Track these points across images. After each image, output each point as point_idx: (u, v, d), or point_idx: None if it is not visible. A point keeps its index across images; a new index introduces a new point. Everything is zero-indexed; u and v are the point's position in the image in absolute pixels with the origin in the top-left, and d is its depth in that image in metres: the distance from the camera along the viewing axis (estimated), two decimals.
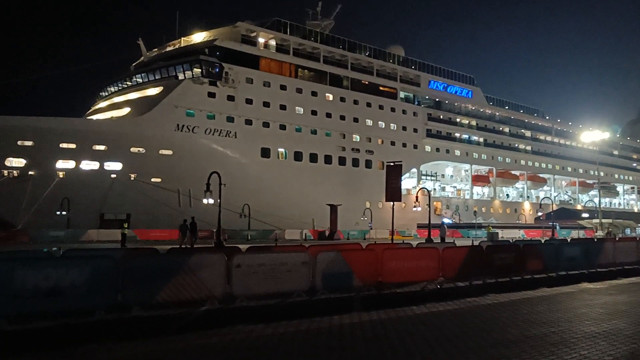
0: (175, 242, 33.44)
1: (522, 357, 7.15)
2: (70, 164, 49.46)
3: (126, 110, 54.67)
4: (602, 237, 48.96)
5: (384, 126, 72.72)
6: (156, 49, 63.93)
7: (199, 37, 62.19)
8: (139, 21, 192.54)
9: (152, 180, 50.89)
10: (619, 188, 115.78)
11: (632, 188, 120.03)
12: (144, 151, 51.27)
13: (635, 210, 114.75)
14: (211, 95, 56.23)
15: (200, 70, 55.34)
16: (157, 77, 56.88)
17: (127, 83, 59.86)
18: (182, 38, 62.49)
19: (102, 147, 50.09)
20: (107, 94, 62.03)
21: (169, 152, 52.16)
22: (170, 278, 9.98)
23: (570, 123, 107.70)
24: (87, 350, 7.81)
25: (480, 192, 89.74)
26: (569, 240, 34.00)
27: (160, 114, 52.36)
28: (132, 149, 51.07)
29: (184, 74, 55.40)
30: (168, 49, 62.58)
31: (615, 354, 7.34)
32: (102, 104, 60.35)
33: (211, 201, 33.46)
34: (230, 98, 57.50)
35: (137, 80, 58.80)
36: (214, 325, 9.26)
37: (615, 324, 9.52)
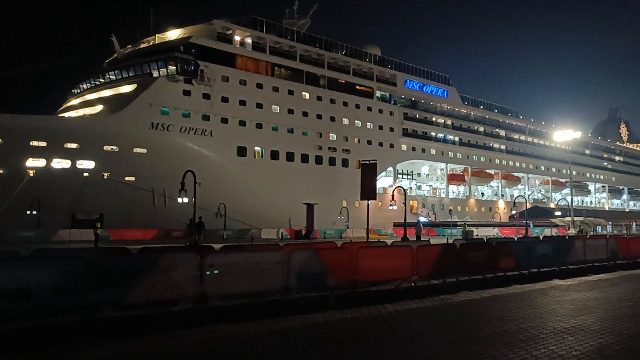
0: (149, 242, 33.18)
1: (492, 353, 7.23)
2: (40, 163, 48.54)
3: (99, 107, 53.87)
4: (574, 234, 49.81)
5: (360, 125, 72.94)
6: (130, 46, 63.10)
7: (173, 34, 61.56)
8: (112, 17, 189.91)
9: (126, 179, 50.26)
10: (591, 187, 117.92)
11: (603, 187, 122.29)
12: (118, 150, 50.57)
13: (606, 208, 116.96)
14: (186, 93, 55.71)
15: (175, 67, 54.79)
16: (130, 75, 56.17)
17: (100, 80, 58.98)
18: (157, 35, 61.76)
19: (74, 145, 49.26)
20: (79, 91, 61.05)
21: (143, 150, 51.55)
22: (142, 278, 9.84)
23: (543, 123, 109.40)
24: (57, 352, 7.68)
25: (456, 190, 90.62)
26: (541, 238, 34.48)
27: (134, 111, 51.69)
28: (106, 148, 50.34)
29: (159, 71, 54.79)
30: (142, 46, 61.79)
31: (582, 349, 7.47)
32: (75, 102, 59.36)
33: (186, 200, 33.19)
34: (206, 96, 57.07)
35: (111, 77, 58.00)
36: (187, 325, 9.19)
37: (584, 320, 9.69)
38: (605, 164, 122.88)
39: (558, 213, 74.99)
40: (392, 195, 56.05)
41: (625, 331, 8.69)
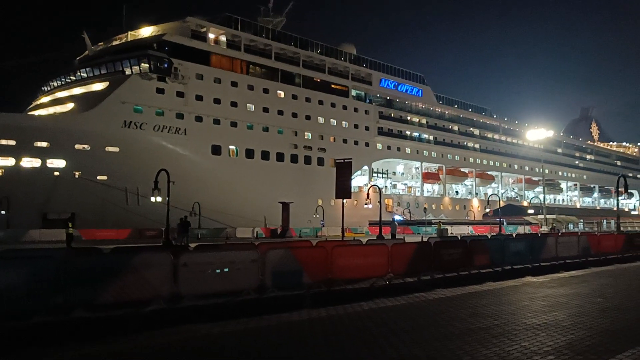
0: (122, 242, 32.79)
1: (465, 349, 7.27)
2: (9, 161, 47.60)
3: (70, 105, 52.99)
4: (546, 232, 50.55)
5: (336, 124, 73.06)
6: (102, 43, 62.21)
7: (146, 31, 60.86)
8: (83, 14, 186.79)
9: (98, 178, 49.55)
10: (563, 185, 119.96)
11: (575, 185, 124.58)
12: (89, 148, 49.82)
13: (578, 206, 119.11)
14: (160, 91, 55.12)
15: (148, 65, 54.17)
16: (102, 72, 55.38)
17: (71, 78, 58.04)
18: (129, 32, 60.98)
19: (44, 144, 48.41)
20: (49, 89, 60.02)
21: (116, 149, 50.87)
22: (115, 278, 9.71)
23: (517, 122, 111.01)
24: (25, 355, 7.51)
25: (431, 189, 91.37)
26: (514, 235, 34.92)
27: (107, 110, 50.98)
28: (77, 146, 49.54)
29: (131, 69, 54.14)
30: (114, 43, 60.98)
31: (554, 344, 7.55)
32: (45, 99, 58.32)
33: (159, 199, 32.90)
34: (180, 94, 56.55)
35: (82, 75, 57.11)
36: (161, 325, 9.07)
37: (555, 316, 9.82)
38: (577, 162, 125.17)
39: (531, 211, 76.21)
40: (368, 194, 56.24)
41: (595, 326, 8.82)
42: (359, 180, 75.30)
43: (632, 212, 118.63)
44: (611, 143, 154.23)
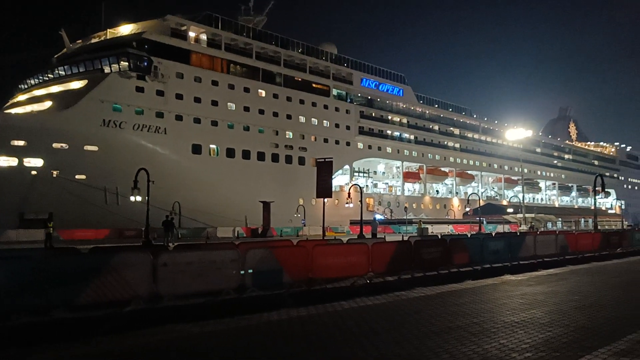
0: (101, 242, 32.47)
1: (445, 347, 7.32)
2: None
3: (48, 104, 52.17)
4: (525, 231, 51.10)
5: (317, 123, 73.07)
6: (80, 41, 61.42)
7: (126, 29, 60.21)
8: (61, 11, 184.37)
9: (77, 177, 48.92)
10: (541, 184, 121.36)
11: (554, 184, 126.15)
12: (68, 147, 49.13)
13: (556, 205, 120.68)
14: (139, 89, 54.59)
15: (127, 63, 53.65)
16: (81, 70, 54.69)
17: (49, 76, 57.20)
18: (108, 30, 60.30)
19: (21, 143, 47.62)
20: (26, 87, 59.05)
21: (95, 148, 50.26)
22: (94, 278, 9.61)
23: (496, 121, 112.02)
24: (5, 355, 7.40)
25: (411, 188, 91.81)
26: (493, 234, 35.23)
27: (85, 108, 50.33)
28: (55, 145, 48.82)
29: (110, 67, 53.54)
30: (93, 41, 60.22)
31: (532, 341, 7.65)
32: (22, 97, 57.29)
33: (139, 199, 32.67)
34: (160, 93, 56.07)
35: (60, 73, 56.33)
36: (141, 325, 8.99)
37: (533, 314, 9.94)
38: (555, 162, 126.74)
39: (510, 210, 77.09)
40: (349, 193, 56.34)
41: (572, 324, 8.94)
42: (340, 179, 75.42)
43: (609, 211, 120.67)
44: (589, 143, 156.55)
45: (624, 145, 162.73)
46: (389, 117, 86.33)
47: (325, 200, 35.06)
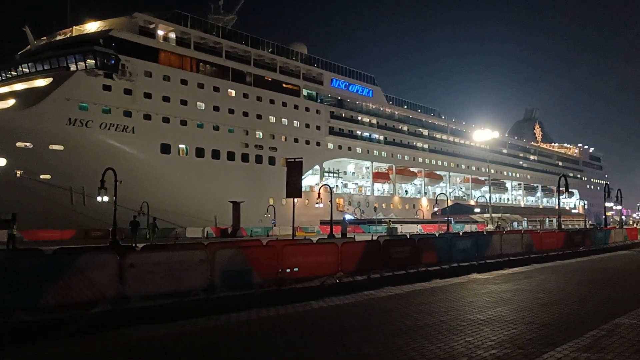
0: (66, 243, 31.88)
1: (412, 345, 7.40)
2: None
3: (11, 102, 50.81)
4: (492, 230, 51.95)
5: (287, 123, 72.94)
6: (45, 38, 60.04)
7: (92, 26, 59.15)
8: (26, 7, 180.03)
9: (41, 177, 47.85)
10: (508, 184, 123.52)
11: (519, 184, 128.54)
12: (32, 146, 48.03)
13: (522, 205, 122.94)
14: (107, 88, 53.64)
15: (94, 61, 52.70)
16: (46, 68, 53.47)
17: (12, 73, 55.76)
18: (74, 27, 59.13)
19: None
20: None
21: (60, 147, 49.22)
22: (58, 279, 9.41)
23: (464, 123, 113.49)
24: None
25: (381, 188, 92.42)
26: (461, 234, 35.71)
27: (50, 106, 49.23)
28: (18, 144, 47.64)
29: (76, 65, 52.51)
30: (58, 38, 58.96)
31: (497, 339, 7.79)
32: None
33: (106, 199, 32.16)
34: (128, 92, 55.19)
35: (24, 70, 54.94)
36: (107, 327, 8.85)
37: (499, 311, 10.12)
38: (521, 162, 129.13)
39: (477, 210, 78.26)
40: (319, 193, 56.45)
41: (536, 321, 9.14)
42: (310, 179, 75.48)
43: (573, 211, 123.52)
44: (553, 144, 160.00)
45: (586, 147, 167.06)
46: (359, 118, 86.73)
47: (296, 200, 35.07)
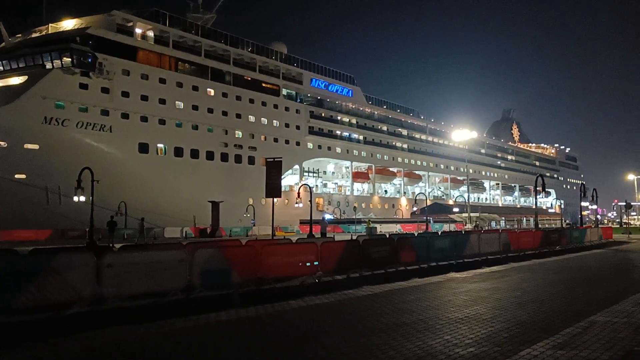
0: (42, 243, 31.42)
1: (391, 344, 7.45)
2: None
3: None
4: (470, 229, 52.42)
5: (266, 123, 72.77)
6: (20, 35, 59.12)
7: (69, 24, 58.33)
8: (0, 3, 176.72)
9: (16, 176, 47.06)
10: (486, 184, 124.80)
11: (497, 184, 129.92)
12: (6, 145, 47.22)
13: (500, 204, 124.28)
14: (83, 86, 52.94)
15: (70, 59, 51.94)
16: (21, 66, 52.59)
17: None
18: (50, 24, 58.25)
19: None
20: None
21: (35, 146, 48.49)
22: (33, 280, 9.30)
23: (443, 123, 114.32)
24: None
25: (360, 188, 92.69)
26: (440, 233, 35.99)
27: (26, 105, 48.44)
28: None
29: (52, 63, 51.71)
30: (34, 35, 58.04)
31: (475, 337, 7.87)
32: None
33: (82, 199, 31.76)
34: (105, 90, 54.55)
35: None
36: (84, 328, 8.74)
37: (476, 310, 10.22)
38: (499, 162, 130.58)
39: (456, 209, 78.86)
40: (298, 193, 56.44)
41: (513, 319, 9.25)
42: (289, 179, 75.38)
43: (550, 210, 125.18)
44: (530, 144, 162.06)
45: (563, 147, 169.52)
46: (339, 118, 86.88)
47: (275, 200, 34.96)
